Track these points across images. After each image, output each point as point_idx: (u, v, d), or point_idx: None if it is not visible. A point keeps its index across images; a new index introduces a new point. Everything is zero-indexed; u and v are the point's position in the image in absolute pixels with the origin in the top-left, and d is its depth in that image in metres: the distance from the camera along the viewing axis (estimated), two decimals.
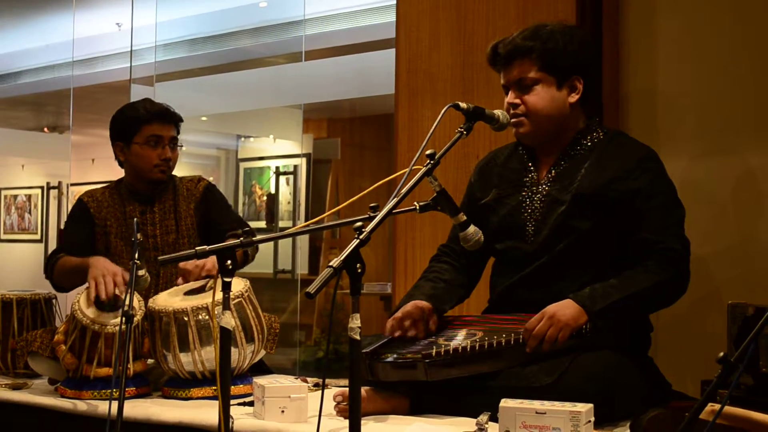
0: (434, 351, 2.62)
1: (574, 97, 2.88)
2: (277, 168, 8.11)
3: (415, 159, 2.36)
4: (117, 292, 3.12)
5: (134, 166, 3.61)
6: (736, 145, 3.31)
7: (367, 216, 2.24)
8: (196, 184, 3.69)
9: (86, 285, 3.21)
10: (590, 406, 2.36)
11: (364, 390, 2.65)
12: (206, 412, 2.77)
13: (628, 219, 2.77)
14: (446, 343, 2.69)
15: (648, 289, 2.69)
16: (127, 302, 2.61)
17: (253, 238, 2.43)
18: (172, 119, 3.63)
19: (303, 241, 7.73)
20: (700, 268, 3.29)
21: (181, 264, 3.21)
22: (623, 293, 2.67)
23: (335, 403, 2.71)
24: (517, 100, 2.86)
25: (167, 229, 3.59)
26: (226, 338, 2.26)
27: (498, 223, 2.92)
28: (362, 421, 2.11)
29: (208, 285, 3.17)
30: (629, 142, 2.93)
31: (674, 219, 2.80)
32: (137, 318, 3.07)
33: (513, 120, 2.86)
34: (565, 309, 2.63)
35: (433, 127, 2.44)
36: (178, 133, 3.66)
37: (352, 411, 2.08)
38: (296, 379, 3.08)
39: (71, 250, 3.53)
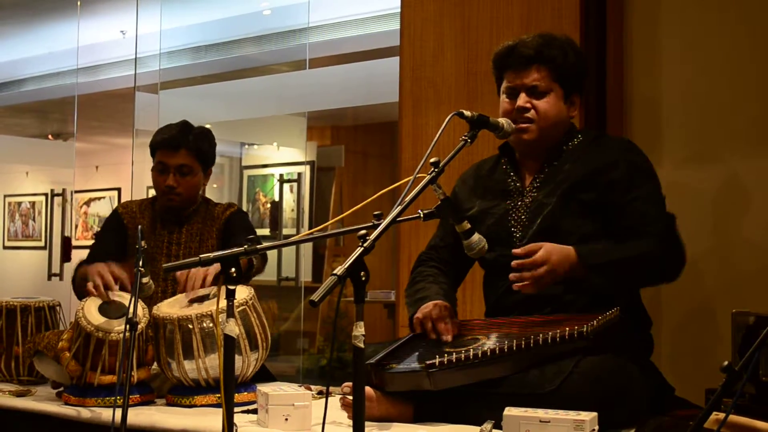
0: (437, 360, 2.62)
1: (573, 112, 2.94)
2: (281, 176, 8.12)
3: (419, 167, 2.36)
4: (114, 293, 3.16)
5: None
6: (742, 152, 3.32)
7: (371, 224, 2.24)
8: (224, 211, 3.68)
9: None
10: (594, 414, 2.36)
11: (372, 391, 2.66)
12: (210, 419, 2.77)
13: (610, 210, 2.79)
14: (450, 350, 2.69)
15: (646, 255, 2.70)
16: (131, 310, 2.62)
17: (258, 246, 2.40)
18: (182, 146, 3.55)
19: (307, 248, 7.74)
20: (703, 275, 3.29)
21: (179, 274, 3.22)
22: (622, 254, 2.69)
23: (342, 395, 2.73)
24: (528, 105, 2.87)
25: (190, 252, 3.59)
26: (230, 346, 2.25)
27: (485, 233, 2.90)
28: (366, 429, 2.10)
29: (212, 293, 3.18)
30: (609, 139, 3.00)
31: (655, 207, 2.80)
32: (141, 325, 3.07)
33: (520, 125, 2.87)
34: (561, 251, 2.64)
35: (438, 135, 2.44)
36: (199, 156, 3.58)
37: (356, 419, 2.08)
38: (300, 386, 3.08)
39: (96, 260, 3.53)
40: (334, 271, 2.02)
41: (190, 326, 3.05)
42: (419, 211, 2.42)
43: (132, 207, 3.69)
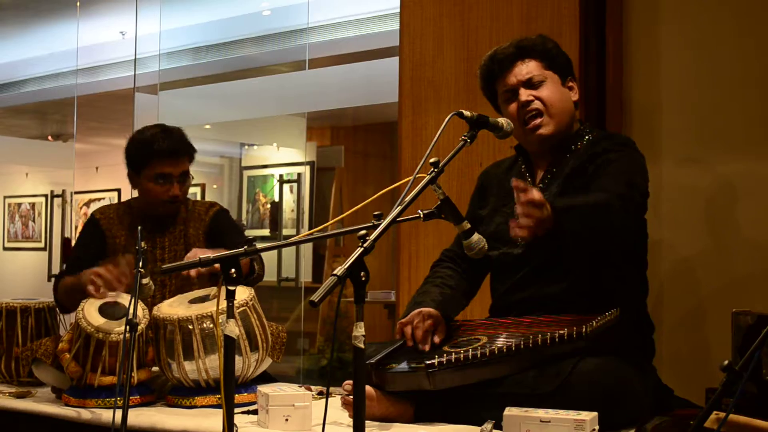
0: (437, 361, 2.62)
1: (575, 96, 2.95)
2: (281, 176, 8.11)
3: (419, 167, 2.36)
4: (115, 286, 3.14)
5: (144, 197, 3.55)
6: (742, 152, 3.31)
7: (371, 224, 2.24)
8: (207, 210, 3.62)
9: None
10: (595, 414, 2.36)
11: (373, 390, 2.66)
12: (210, 420, 2.77)
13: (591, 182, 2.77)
14: (450, 350, 2.69)
15: (601, 204, 2.59)
16: (131, 311, 2.62)
17: (258, 247, 2.40)
18: (184, 153, 3.50)
19: (307, 249, 7.73)
20: (703, 275, 3.29)
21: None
22: (584, 201, 2.61)
23: (345, 393, 2.72)
24: (531, 97, 2.88)
25: (176, 255, 3.53)
26: (230, 346, 2.25)
27: (493, 230, 2.93)
28: (366, 429, 2.10)
29: (212, 294, 3.18)
30: (607, 134, 3.01)
31: (622, 176, 2.73)
32: (141, 326, 3.07)
33: (532, 123, 2.87)
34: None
35: (437, 135, 2.44)
36: (192, 161, 3.55)
37: (357, 418, 2.08)
38: (300, 387, 3.08)
39: (74, 271, 3.50)
40: (334, 272, 2.02)
41: (190, 327, 3.05)
42: (419, 211, 2.41)
43: (109, 212, 3.62)
